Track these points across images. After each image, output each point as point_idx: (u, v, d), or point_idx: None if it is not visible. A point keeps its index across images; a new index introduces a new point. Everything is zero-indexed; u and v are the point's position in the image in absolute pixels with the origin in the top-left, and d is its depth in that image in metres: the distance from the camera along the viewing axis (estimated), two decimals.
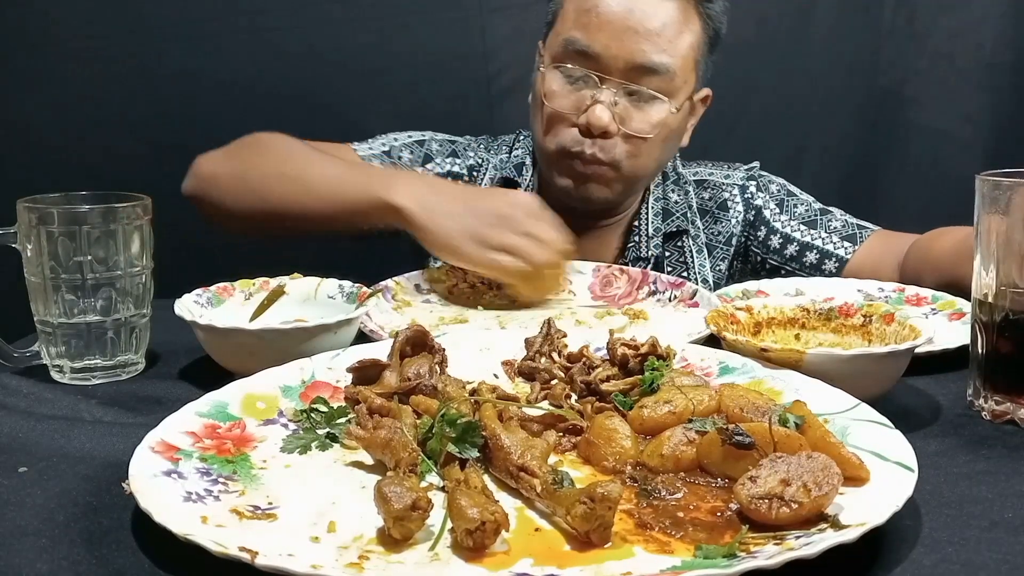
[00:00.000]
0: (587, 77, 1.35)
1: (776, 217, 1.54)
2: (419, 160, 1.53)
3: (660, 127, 1.38)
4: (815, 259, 1.49)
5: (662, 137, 1.39)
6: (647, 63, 1.33)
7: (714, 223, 1.56)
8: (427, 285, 1.27)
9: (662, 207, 1.53)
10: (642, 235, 1.51)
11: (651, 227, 1.51)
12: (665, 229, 1.52)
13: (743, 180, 1.58)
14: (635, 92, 1.35)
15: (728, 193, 1.57)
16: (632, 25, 1.32)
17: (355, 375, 0.85)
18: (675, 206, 1.54)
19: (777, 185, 1.58)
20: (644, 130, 1.37)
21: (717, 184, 1.58)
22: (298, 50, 1.89)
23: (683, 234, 1.53)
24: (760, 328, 0.99)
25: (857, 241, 1.48)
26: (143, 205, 0.98)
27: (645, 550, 0.60)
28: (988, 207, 0.86)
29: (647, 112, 1.37)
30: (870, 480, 0.66)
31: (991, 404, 0.87)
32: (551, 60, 1.40)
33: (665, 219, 1.52)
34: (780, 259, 1.52)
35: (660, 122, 1.37)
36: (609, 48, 1.33)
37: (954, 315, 1.17)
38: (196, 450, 0.72)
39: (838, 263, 1.48)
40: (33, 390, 0.93)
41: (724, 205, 1.56)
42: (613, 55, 1.33)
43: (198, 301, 1.03)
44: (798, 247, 1.51)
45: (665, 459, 0.71)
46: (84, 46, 1.85)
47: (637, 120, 1.37)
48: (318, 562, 0.56)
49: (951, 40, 2.01)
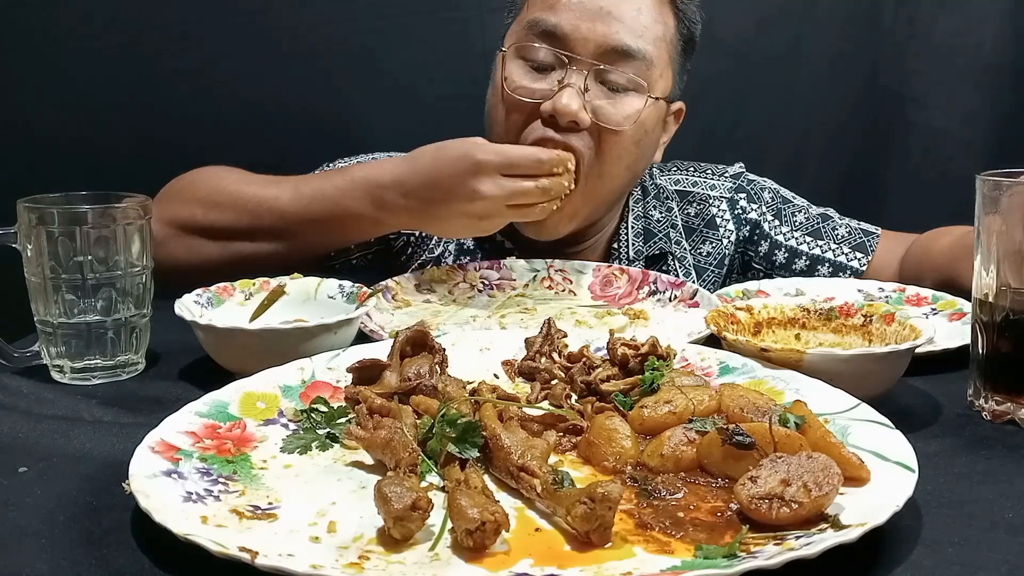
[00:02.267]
0: (555, 62, 1.20)
1: (776, 229, 1.44)
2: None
3: (634, 121, 1.21)
4: (827, 272, 1.42)
5: (635, 138, 1.23)
6: (622, 45, 1.19)
7: (702, 243, 1.43)
8: (427, 285, 1.27)
9: (643, 227, 1.40)
10: (622, 259, 1.39)
11: (631, 249, 1.38)
12: (647, 252, 1.39)
13: (731, 192, 1.46)
14: (608, 80, 1.20)
15: (716, 208, 1.44)
16: (604, 6, 1.19)
17: (355, 375, 0.85)
18: (657, 225, 1.40)
19: (769, 192, 1.48)
20: (618, 122, 1.20)
21: (702, 197, 1.45)
22: (298, 50, 1.88)
23: (667, 256, 1.40)
24: (760, 328, 0.99)
25: (869, 251, 1.42)
26: (143, 205, 0.98)
27: (645, 550, 0.60)
28: (988, 207, 0.86)
29: (622, 103, 1.21)
30: (870, 480, 0.66)
31: (991, 404, 0.87)
32: (512, 47, 1.24)
33: (647, 240, 1.39)
34: (788, 274, 1.42)
35: (634, 114, 1.21)
36: (579, 28, 1.19)
37: (954, 315, 1.17)
38: (196, 450, 0.72)
39: (853, 276, 1.41)
40: (33, 390, 0.93)
41: (712, 222, 1.43)
42: (583, 36, 1.19)
43: (198, 301, 1.03)
44: (808, 261, 1.42)
45: (665, 459, 0.71)
46: (84, 46, 1.85)
47: (609, 111, 1.20)
48: (318, 562, 0.56)
49: (951, 40, 2.01)
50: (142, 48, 1.86)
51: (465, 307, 1.23)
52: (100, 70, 1.85)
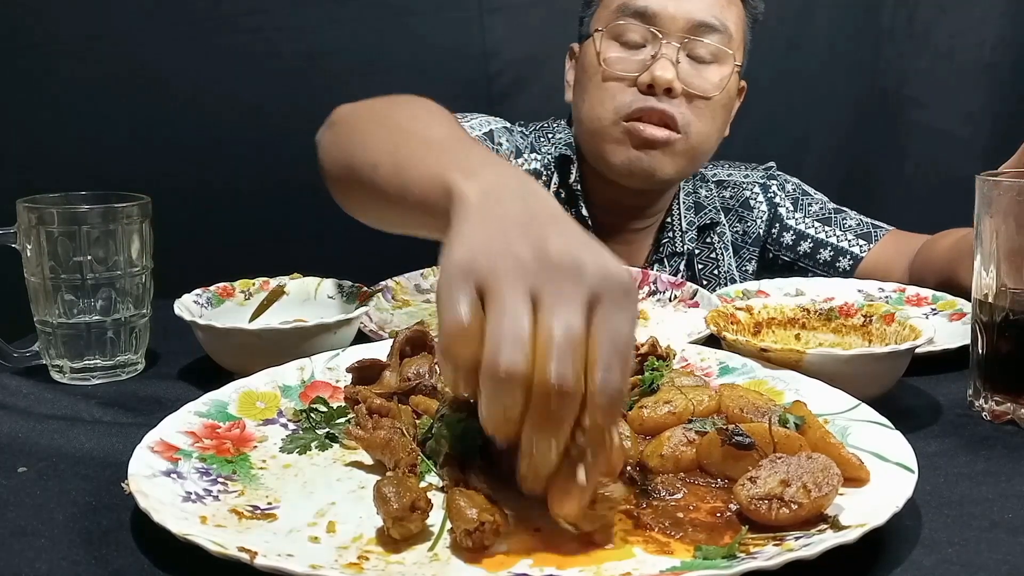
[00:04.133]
0: (646, 38, 1.33)
1: (791, 215, 1.55)
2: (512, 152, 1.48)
3: (722, 87, 1.35)
4: (829, 256, 1.50)
5: (723, 102, 1.37)
6: (707, 20, 1.33)
7: (739, 222, 1.56)
8: (427, 285, 1.27)
9: (693, 201, 1.53)
10: (676, 229, 1.50)
11: (684, 221, 1.50)
12: (699, 222, 1.52)
13: (763, 179, 1.59)
14: (695, 53, 1.34)
15: (750, 192, 1.57)
16: None
17: (355, 375, 0.85)
18: (706, 199, 1.54)
19: (792, 184, 1.60)
20: (707, 89, 1.34)
21: (737, 183, 1.58)
22: (298, 50, 1.88)
23: (714, 228, 1.54)
24: (760, 328, 0.99)
25: (872, 240, 1.49)
26: (143, 205, 0.98)
27: (645, 551, 0.60)
28: (988, 207, 0.86)
29: (708, 72, 1.35)
30: (870, 481, 0.66)
31: (991, 404, 0.87)
32: (605, 27, 1.37)
33: (698, 212, 1.52)
34: (793, 255, 1.53)
35: (722, 81, 1.35)
36: (667, 7, 1.32)
37: (954, 315, 1.17)
38: (195, 450, 0.72)
39: (852, 260, 1.49)
40: (33, 390, 0.93)
41: (747, 204, 1.57)
42: (671, 14, 1.32)
43: (198, 301, 1.03)
44: (812, 244, 1.52)
45: (665, 459, 0.71)
46: (84, 46, 1.85)
47: (699, 80, 1.34)
48: (317, 562, 0.56)
49: (951, 40, 2.01)
50: (142, 48, 1.86)
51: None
52: (100, 70, 1.86)
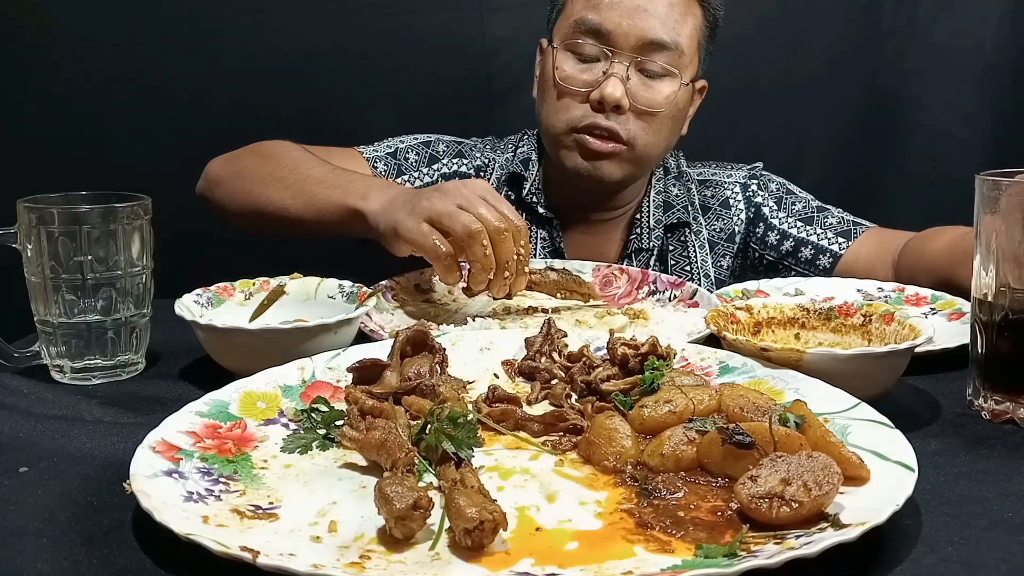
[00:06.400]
0: (599, 55, 1.38)
1: (774, 214, 1.56)
2: (424, 161, 1.53)
3: (670, 102, 1.40)
4: (809, 255, 1.51)
5: (670, 115, 1.42)
6: (657, 39, 1.37)
7: (716, 220, 1.58)
8: (427, 285, 1.27)
9: (663, 200, 1.55)
10: (644, 226, 1.53)
11: (652, 219, 1.53)
12: (666, 221, 1.54)
13: (745, 179, 1.60)
14: (645, 68, 1.38)
15: (730, 191, 1.59)
16: (641, 4, 1.37)
17: (355, 375, 0.86)
18: (675, 199, 1.56)
19: (777, 184, 1.60)
20: (655, 104, 1.39)
21: (719, 182, 1.60)
22: (298, 50, 1.88)
23: (685, 227, 1.55)
24: (760, 328, 0.99)
25: (851, 237, 1.50)
26: (143, 205, 0.98)
27: (646, 549, 0.60)
28: (988, 207, 0.86)
29: (657, 88, 1.40)
30: (870, 480, 0.66)
31: (991, 404, 0.87)
32: (561, 42, 1.42)
33: (666, 211, 1.54)
34: (776, 255, 1.54)
35: (670, 97, 1.40)
36: (620, 25, 1.36)
37: (954, 315, 1.17)
38: (197, 450, 0.72)
39: (832, 258, 1.49)
40: (33, 390, 0.93)
41: (726, 203, 1.59)
42: (624, 32, 1.36)
43: (198, 301, 1.03)
44: (793, 243, 1.53)
45: (665, 459, 0.71)
46: (84, 46, 1.85)
47: (648, 95, 1.39)
48: (319, 562, 0.56)
49: (951, 40, 2.00)
50: (142, 48, 1.86)
51: (465, 307, 1.23)
52: (100, 70, 1.85)
